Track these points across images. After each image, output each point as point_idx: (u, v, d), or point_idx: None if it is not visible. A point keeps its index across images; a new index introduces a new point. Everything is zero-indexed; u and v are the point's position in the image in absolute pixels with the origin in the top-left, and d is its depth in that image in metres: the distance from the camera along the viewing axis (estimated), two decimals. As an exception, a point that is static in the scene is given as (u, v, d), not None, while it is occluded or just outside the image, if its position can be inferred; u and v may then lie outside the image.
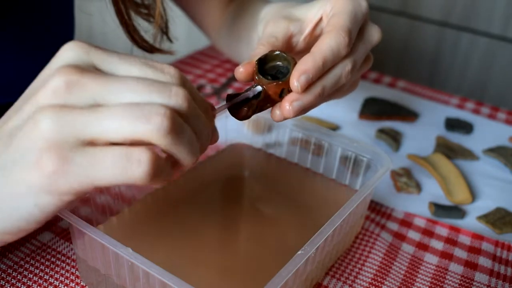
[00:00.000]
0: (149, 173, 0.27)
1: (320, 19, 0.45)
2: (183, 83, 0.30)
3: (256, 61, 0.40)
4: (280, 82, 0.39)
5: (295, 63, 0.40)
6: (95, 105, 0.28)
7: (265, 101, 0.40)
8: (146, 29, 0.54)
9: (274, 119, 0.41)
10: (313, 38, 0.46)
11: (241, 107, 0.40)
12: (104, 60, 0.29)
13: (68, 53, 0.30)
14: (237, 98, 0.39)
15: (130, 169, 0.27)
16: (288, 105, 0.39)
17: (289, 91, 0.40)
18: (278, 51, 0.41)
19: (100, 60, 0.29)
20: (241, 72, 0.40)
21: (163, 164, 0.29)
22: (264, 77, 0.39)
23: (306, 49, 0.45)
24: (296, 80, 0.38)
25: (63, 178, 0.27)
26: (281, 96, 0.40)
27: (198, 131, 0.31)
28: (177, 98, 0.29)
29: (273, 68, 0.41)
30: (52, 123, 0.27)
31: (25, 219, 0.30)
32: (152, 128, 0.27)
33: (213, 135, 0.35)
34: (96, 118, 0.27)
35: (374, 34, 0.44)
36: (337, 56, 0.40)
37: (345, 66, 0.41)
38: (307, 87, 0.39)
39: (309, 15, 0.45)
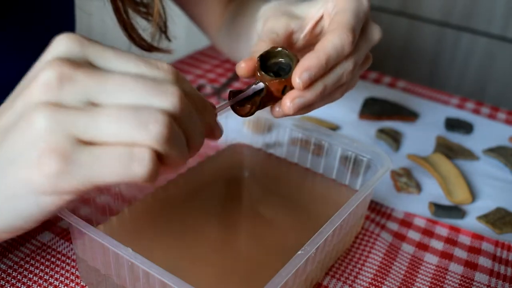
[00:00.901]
0: (150, 172, 0.27)
1: (321, 18, 0.45)
2: (178, 80, 0.30)
3: (258, 57, 0.40)
4: (282, 79, 0.39)
5: (298, 61, 0.39)
6: (89, 104, 0.27)
7: (267, 98, 0.40)
8: (144, 27, 0.53)
9: (274, 116, 0.41)
10: (313, 36, 0.45)
11: (244, 104, 0.39)
12: (99, 54, 0.29)
13: (61, 46, 0.28)
14: (240, 95, 0.39)
15: (132, 168, 0.27)
16: (289, 102, 0.39)
17: (292, 88, 0.40)
18: (280, 47, 0.40)
19: (94, 55, 0.29)
20: (242, 67, 0.40)
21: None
22: (266, 74, 0.39)
23: (306, 46, 0.45)
24: (298, 77, 0.38)
25: (65, 179, 0.27)
26: (283, 93, 0.40)
27: (189, 133, 0.30)
28: (172, 99, 0.28)
29: (275, 64, 0.41)
30: (48, 122, 0.26)
31: (23, 219, 0.30)
32: (150, 136, 0.27)
33: (216, 130, 0.35)
34: (93, 120, 0.27)
35: (375, 33, 0.44)
36: (341, 54, 0.40)
37: (348, 66, 0.41)
38: (309, 84, 0.39)
39: (310, 13, 0.45)
